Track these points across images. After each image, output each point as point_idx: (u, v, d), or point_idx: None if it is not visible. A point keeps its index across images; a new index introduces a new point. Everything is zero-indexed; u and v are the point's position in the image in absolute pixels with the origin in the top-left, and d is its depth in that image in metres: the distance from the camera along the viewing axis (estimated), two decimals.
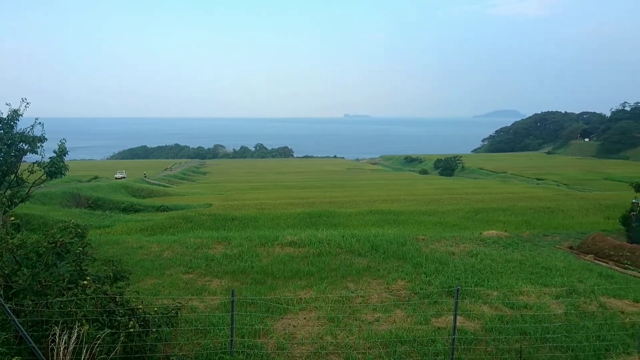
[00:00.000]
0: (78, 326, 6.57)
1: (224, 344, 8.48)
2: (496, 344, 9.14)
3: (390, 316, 10.37)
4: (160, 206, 48.99)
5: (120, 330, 7.06)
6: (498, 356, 8.75)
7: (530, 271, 14.40)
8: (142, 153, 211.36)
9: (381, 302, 11.31)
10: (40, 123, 17.34)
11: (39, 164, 17.22)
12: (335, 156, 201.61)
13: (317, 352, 8.63)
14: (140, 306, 7.75)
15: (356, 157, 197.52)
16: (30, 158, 17.82)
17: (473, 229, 28.24)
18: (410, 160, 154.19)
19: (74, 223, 8.38)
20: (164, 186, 77.99)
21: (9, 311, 6.44)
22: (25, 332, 6.45)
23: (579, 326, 9.98)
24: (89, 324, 6.83)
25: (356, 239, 17.13)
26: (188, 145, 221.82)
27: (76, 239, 8.04)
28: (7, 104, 16.99)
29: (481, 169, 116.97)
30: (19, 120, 17.18)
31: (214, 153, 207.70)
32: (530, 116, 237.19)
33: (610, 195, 50.74)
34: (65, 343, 6.20)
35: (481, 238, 19.52)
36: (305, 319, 10.21)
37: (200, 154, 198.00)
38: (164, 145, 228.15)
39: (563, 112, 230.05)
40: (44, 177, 17.59)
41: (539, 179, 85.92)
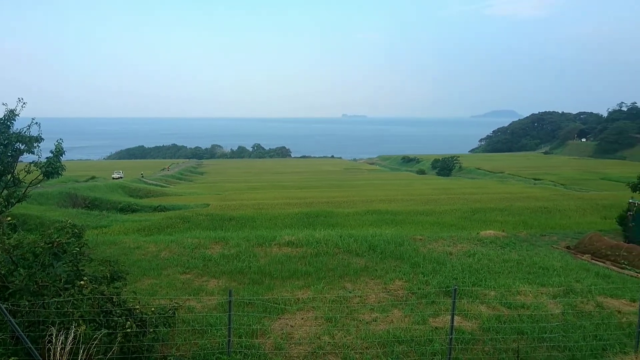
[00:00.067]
0: (75, 326, 6.55)
1: (222, 344, 8.47)
2: (493, 344, 9.16)
3: (388, 316, 10.38)
4: (158, 206, 48.89)
5: (118, 331, 7.05)
6: (495, 356, 8.77)
7: (528, 271, 14.43)
8: (139, 153, 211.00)
9: (379, 302, 11.32)
10: (37, 123, 17.27)
11: (35, 164, 17.15)
12: (332, 156, 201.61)
13: (315, 352, 8.63)
14: (138, 306, 7.73)
15: (354, 157, 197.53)
16: (27, 158, 17.75)
17: (470, 229, 28.29)
18: (407, 160, 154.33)
19: (70, 223, 8.36)
20: (161, 186, 77.85)
21: (6, 312, 6.42)
22: (21, 333, 6.43)
23: (576, 326, 10.01)
24: (85, 324, 6.81)
25: (354, 239, 17.14)
26: (185, 145, 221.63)
27: (73, 239, 8.02)
28: (3, 104, 16.93)
29: (478, 169, 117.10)
30: (15, 120, 17.11)
31: (212, 153, 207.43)
32: (527, 116, 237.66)
33: (607, 195, 50.87)
34: (62, 343, 6.18)
35: (478, 238, 19.56)
36: (302, 319, 10.21)
37: (198, 154, 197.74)
38: (162, 145, 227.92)
39: (560, 112, 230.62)
40: (40, 177, 17.52)
41: (536, 179, 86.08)
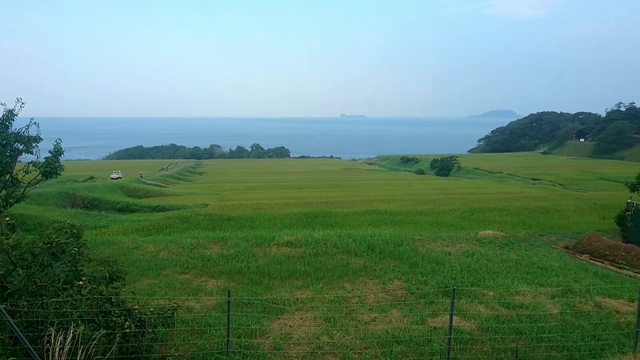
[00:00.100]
0: (74, 327, 6.55)
1: (221, 345, 8.47)
2: (492, 344, 9.17)
3: (387, 316, 10.39)
4: (157, 206, 48.85)
5: (116, 331, 7.05)
6: (494, 356, 8.78)
7: (526, 271, 14.45)
8: (138, 153, 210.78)
9: (377, 302, 11.33)
10: (35, 123, 17.24)
11: (34, 164, 17.12)
12: (331, 156, 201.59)
13: (314, 352, 8.64)
14: (136, 307, 7.74)
15: (352, 157, 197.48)
16: (25, 158, 17.72)
17: (469, 229, 28.33)
18: (406, 161, 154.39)
19: (69, 223, 8.35)
20: (160, 186, 77.78)
21: (4, 312, 6.41)
22: (20, 333, 6.43)
23: (575, 326, 10.02)
24: (84, 324, 6.81)
25: (352, 239, 17.13)
26: (184, 145, 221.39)
27: (72, 239, 8.01)
28: (1, 103, 16.90)
29: (477, 169, 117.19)
30: (14, 120, 17.09)
31: (210, 153, 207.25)
32: (526, 116, 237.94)
33: (605, 195, 50.95)
34: (60, 344, 6.17)
35: (477, 238, 19.58)
36: (301, 319, 10.21)
37: (197, 154, 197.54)
38: (160, 145, 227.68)
39: (559, 112, 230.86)
40: (39, 177, 17.50)
41: (534, 179, 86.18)
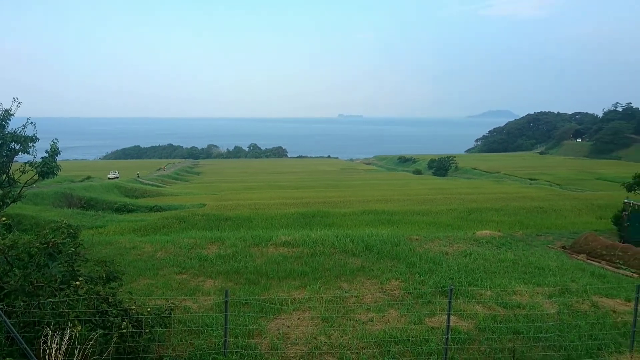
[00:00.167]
0: (70, 327, 6.52)
1: (218, 345, 8.46)
2: (489, 344, 9.18)
3: (384, 316, 10.39)
4: (154, 206, 48.79)
5: (113, 331, 7.02)
6: (491, 355, 8.79)
7: (524, 271, 14.48)
8: (135, 153, 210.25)
9: (375, 302, 11.33)
10: (32, 123, 17.20)
11: (30, 164, 17.08)
12: (329, 156, 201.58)
13: (311, 352, 8.63)
14: (133, 307, 7.72)
15: (350, 157, 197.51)
16: (22, 158, 17.69)
17: (466, 229, 28.38)
18: (404, 161, 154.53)
19: (66, 223, 8.33)
20: (157, 186, 77.67)
21: (1, 312, 6.39)
22: (16, 333, 6.40)
23: (572, 325, 10.04)
24: (81, 324, 6.79)
25: (350, 239, 17.13)
26: (182, 145, 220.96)
27: (68, 239, 7.99)
28: None
29: (474, 169, 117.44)
30: (10, 120, 17.04)
31: (208, 153, 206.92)
32: (523, 116, 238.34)
33: (602, 195, 51.15)
34: (57, 344, 6.15)
35: (474, 238, 19.61)
36: (299, 319, 10.20)
37: (194, 154, 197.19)
38: (157, 145, 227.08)
39: (556, 112, 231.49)
40: (35, 177, 17.46)
41: (532, 179, 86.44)
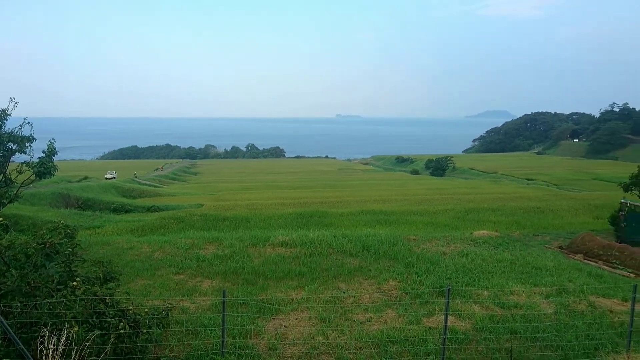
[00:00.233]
0: (67, 327, 6.50)
1: (215, 345, 8.44)
2: (487, 344, 9.19)
3: (382, 316, 10.40)
4: (151, 206, 48.69)
5: (111, 332, 7.01)
6: (489, 355, 8.80)
7: (521, 271, 14.51)
8: (132, 153, 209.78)
9: (372, 302, 11.34)
10: (29, 123, 17.15)
11: (27, 164, 17.03)
12: (327, 156, 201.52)
13: (309, 352, 8.63)
14: (131, 307, 7.70)
15: (348, 157, 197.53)
16: (19, 158, 17.63)
17: (464, 229, 28.41)
18: (401, 161, 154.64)
19: (63, 224, 8.31)
20: (155, 186, 77.51)
21: None
22: (13, 334, 6.38)
23: (569, 325, 10.07)
24: (78, 325, 6.77)
25: (348, 239, 17.15)
26: (179, 145, 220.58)
27: (65, 239, 7.97)
28: None
29: (472, 169, 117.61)
30: (7, 120, 16.99)
31: (205, 153, 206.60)
32: (520, 117, 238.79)
33: (599, 196, 51.26)
34: (54, 345, 6.13)
35: (472, 238, 19.65)
36: (296, 319, 10.20)
37: (191, 154, 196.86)
38: (155, 145, 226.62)
39: (553, 112, 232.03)
40: (32, 177, 17.41)
41: (529, 179, 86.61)
